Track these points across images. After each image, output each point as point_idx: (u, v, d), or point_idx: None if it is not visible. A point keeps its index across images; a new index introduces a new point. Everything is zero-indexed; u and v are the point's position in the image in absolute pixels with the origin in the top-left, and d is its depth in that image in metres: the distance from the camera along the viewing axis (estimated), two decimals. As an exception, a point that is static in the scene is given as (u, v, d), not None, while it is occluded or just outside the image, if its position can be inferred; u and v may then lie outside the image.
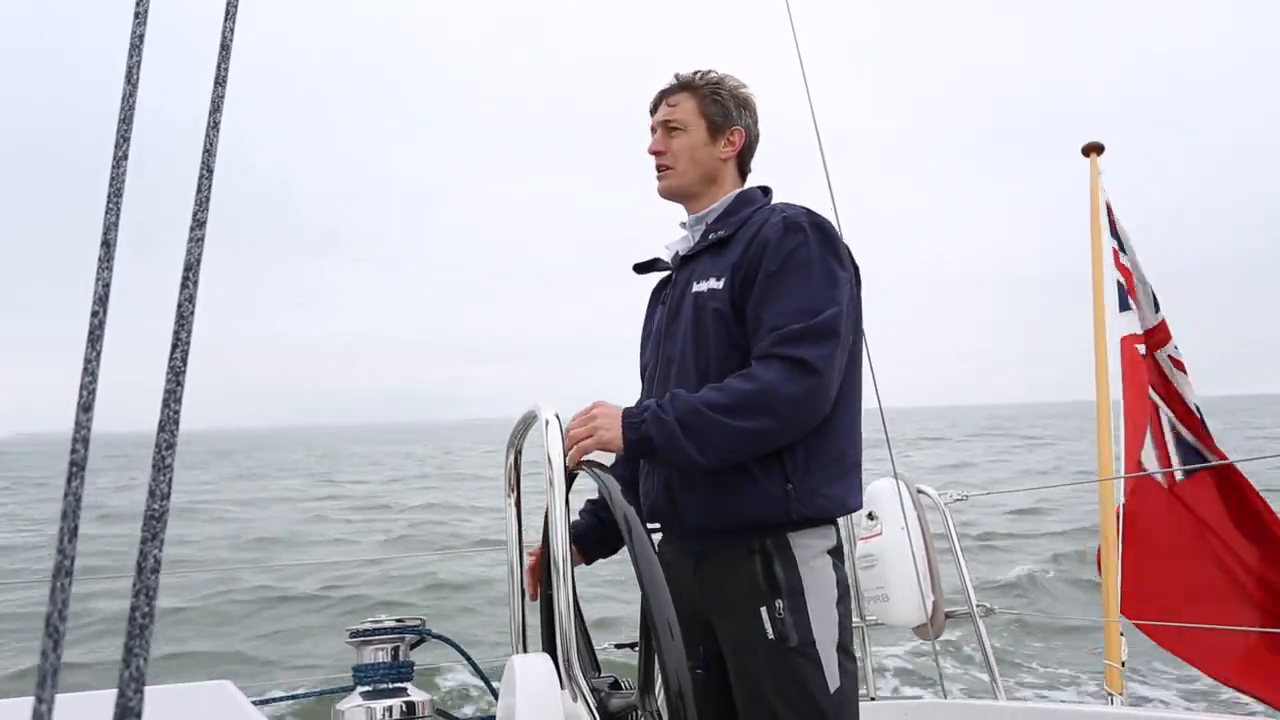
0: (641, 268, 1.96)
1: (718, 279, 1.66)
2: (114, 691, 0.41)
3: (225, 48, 0.46)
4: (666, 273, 1.89)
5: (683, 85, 1.79)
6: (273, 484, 29.83)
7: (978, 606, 2.86)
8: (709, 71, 1.80)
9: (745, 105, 1.81)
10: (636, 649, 1.77)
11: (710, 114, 1.77)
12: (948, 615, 2.81)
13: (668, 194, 1.82)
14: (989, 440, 40.79)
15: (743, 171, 1.84)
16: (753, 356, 1.55)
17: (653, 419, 1.49)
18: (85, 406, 0.44)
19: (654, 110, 1.83)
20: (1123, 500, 3.07)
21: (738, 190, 1.81)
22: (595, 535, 1.85)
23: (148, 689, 0.42)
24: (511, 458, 1.79)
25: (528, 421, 1.68)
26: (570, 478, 1.55)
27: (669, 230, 1.91)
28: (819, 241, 1.60)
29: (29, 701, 0.41)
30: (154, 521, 0.44)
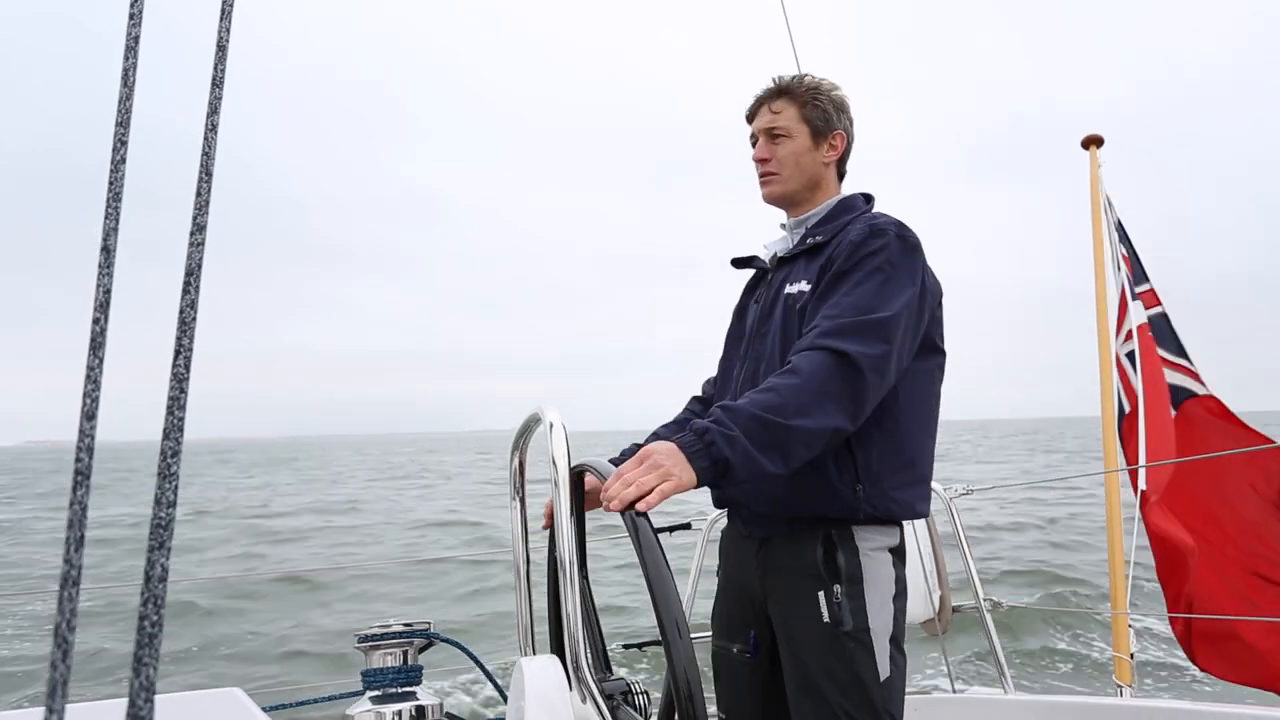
0: (739, 263, 1.97)
1: (808, 282, 1.68)
2: (124, 700, 0.41)
3: (221, 49, 0.46)
4: (759, 270, 1.91)
5: (782, 91, 1.79)
6: (371, 487, 29.89)
7: (985, 601, 2.85)
8: (805, 76, 1.81)
9: (843, 108, 1.82)
10: (646, 650, 1.76)
11: (812, 119, 1.78)
12: (955, 610, 2.80)
13: (774, 200, 1.83)
14: (1041, 456, 40.44)
15: (840, 173, 1.86)
16: (796, 347, 1.54)
17: (722, 439, 1.37)
18: (89, 414, 0.43)
19: (752, 118, 1.83)
20: (1144, 486, 3.05)
21: (839, 196, 1.83)
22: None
23: (158, 697, 0.41)
24: (516, 461, 1.78)
25: (531, 425, 1.67)
26: (577, 478, 1.54)
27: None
28: (898, 250, 1.60)
29: (40, 712, 0.41)
30: (161, 530, 0.43)
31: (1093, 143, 3.46)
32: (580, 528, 1.51)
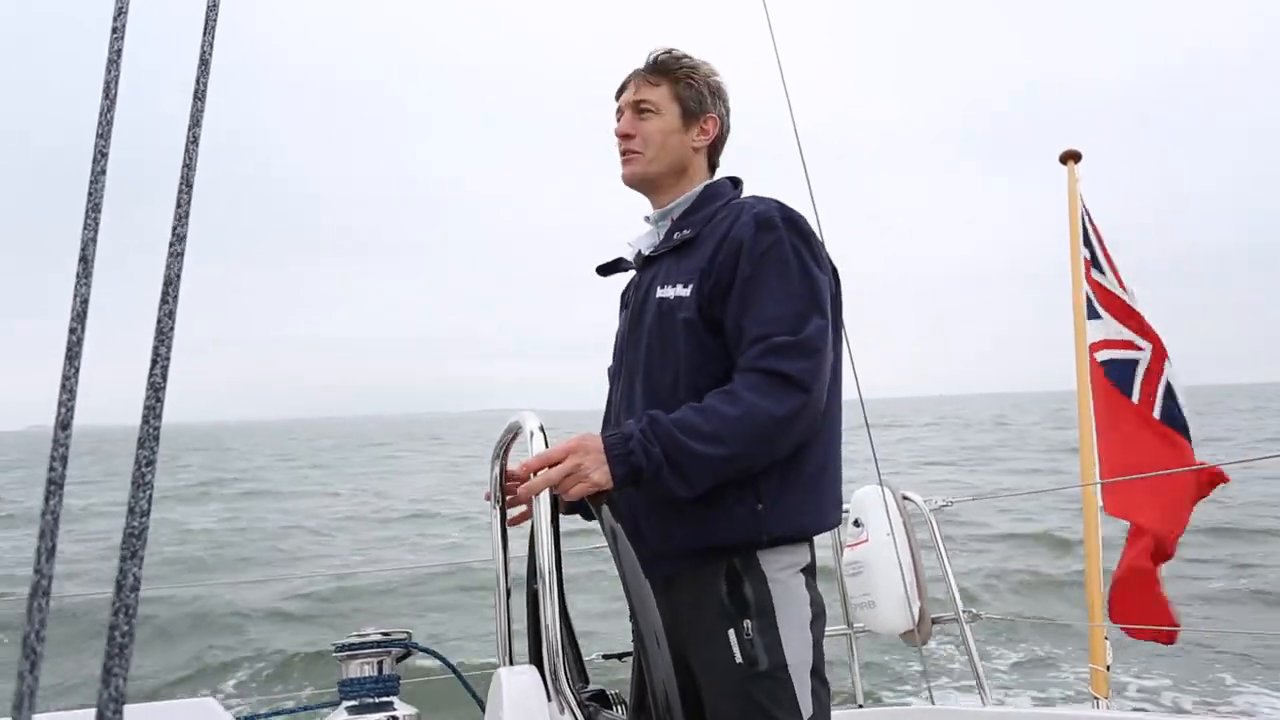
0: (605, 269, 1.83)
1: (684, 285, 1.55)
2: (93, 711, 0.41)
3: (204, 62, 0.46)
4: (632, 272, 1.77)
5: (657, 67, 1.68)
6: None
7: (964, 612, 2.87)
8: (684, 55, 1.69)
9: (719, 94, 1.71)
10: (626, 660, 1.76)
11: (685, 98, 1.66)
12: (934, 621, 2.81)
13: (633, 181, 1.69)
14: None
15: (712, 165, 1.74)
16: (736, 370, 1.46)
17: (640, 449, 1.37)
18: (64, 424, 0.43)
19: (621, 93, 1.71)
20: (1100, 503, 3.10)
21: (705, 182, 1.70)
22: None
23: (129, 707, 0.41)
24: (496, 469, 1.78)
25: (512, 432, 1.67)
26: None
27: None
28: (794, 239, 1.51)
29: (6, 723, 0.41)
30: (133, 539, 0.43)
31: (1070, 158, 3.49)
32: (556, 539, 1.51)
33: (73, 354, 0.44)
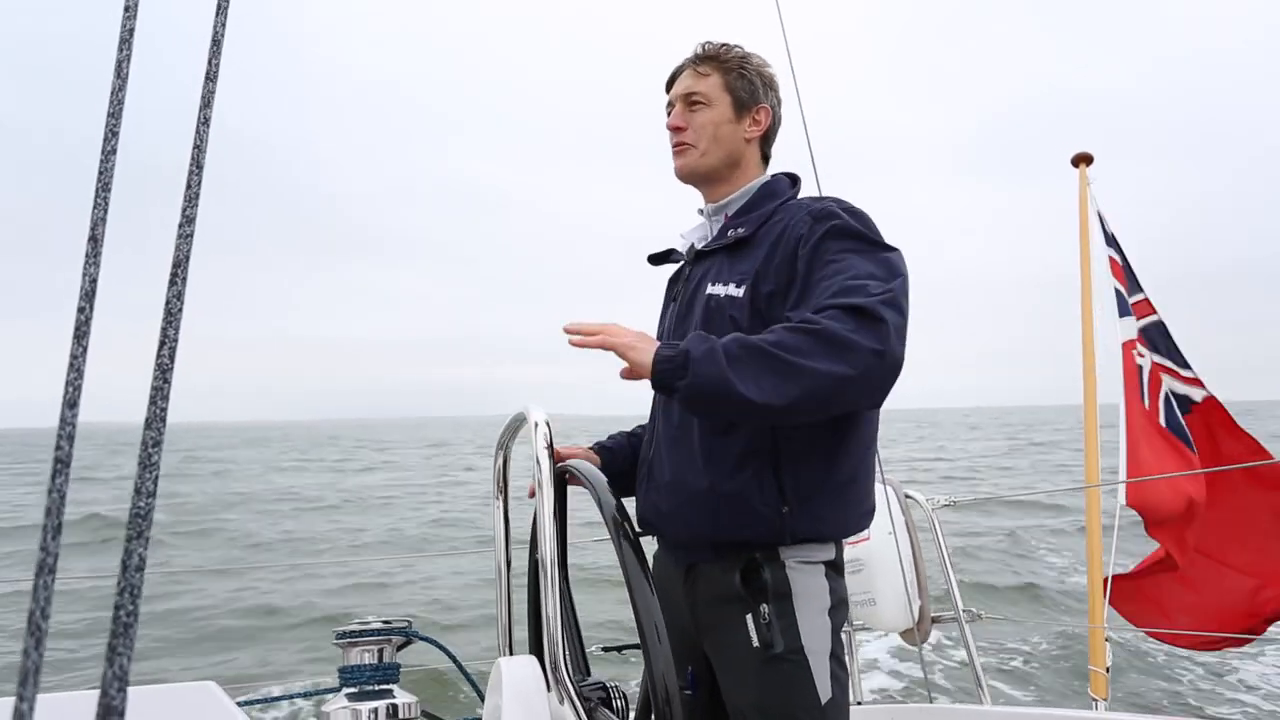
0: (657, 259, 1.81)
1: (737, 285, 1.51)
2: (97, 691, 0.41)
3: (216, 43, 0.46)
4: (682, 264, 1.75)
5: (707, 58, 1.65)
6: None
7: (964, 612, 2.87)
8: (735, 46, 1.67)
9: (771, 85, 1.68)
10: (624, 652, 1.76)
11: (736, 89, 1.63)
12: (934, 620, 2.82)
13: (686, 174, 1.67)
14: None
15: (765, 155, 1.71)
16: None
17: (695, 338, 1.28)
18: (70, 403, 0.43)
19: (671, 85, 1.69)
20: (1122, 502, 3.10)
21: (762, 178, 1.67)
22: (617, 462, 1.77)
23: (132, 689, 0.41)
24: (500, 459, 1.78)
25: (517, 423, 1.67)
26: (560, 479, 1.55)
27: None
28: (857, 220, 1.45)
29: (10, 701, 0.41)
30: (140, 520, 0.43)
31: (1082, 160, 3.49)
32: (561, 529, 1.51)
33: (81, 333, 0.44)
